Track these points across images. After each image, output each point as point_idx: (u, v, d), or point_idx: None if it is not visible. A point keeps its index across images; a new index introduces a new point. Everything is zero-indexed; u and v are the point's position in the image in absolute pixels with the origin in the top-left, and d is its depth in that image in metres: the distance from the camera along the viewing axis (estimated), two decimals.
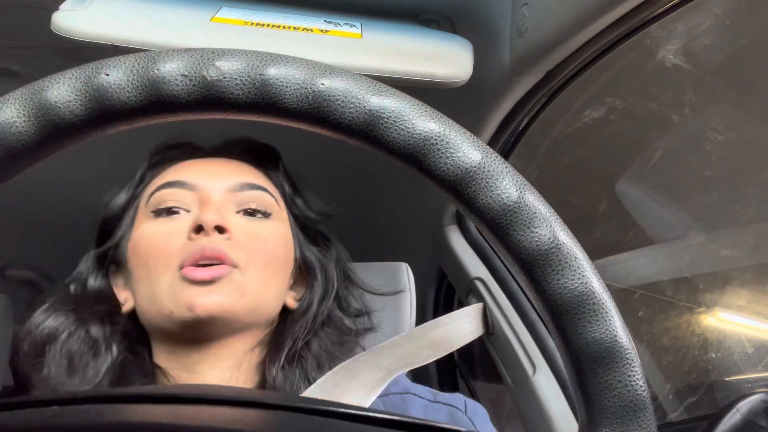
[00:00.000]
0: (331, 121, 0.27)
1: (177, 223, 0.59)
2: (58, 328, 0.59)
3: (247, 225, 0.61)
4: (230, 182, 0.62)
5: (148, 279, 0.58)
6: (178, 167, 0.65)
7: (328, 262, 0.68)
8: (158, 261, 0.57)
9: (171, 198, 0.61)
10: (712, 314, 0.96)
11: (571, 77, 0.78)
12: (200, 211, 0.58)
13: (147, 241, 0.59)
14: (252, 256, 0.59)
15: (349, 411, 0.28)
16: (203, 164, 0.65)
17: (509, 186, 0.27)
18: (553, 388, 0.86)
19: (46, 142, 0.26)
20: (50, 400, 0.29)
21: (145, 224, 0.61)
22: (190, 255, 0.56)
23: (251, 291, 0.58)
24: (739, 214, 0.96)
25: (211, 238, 0.57)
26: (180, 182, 0.61)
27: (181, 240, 0.58)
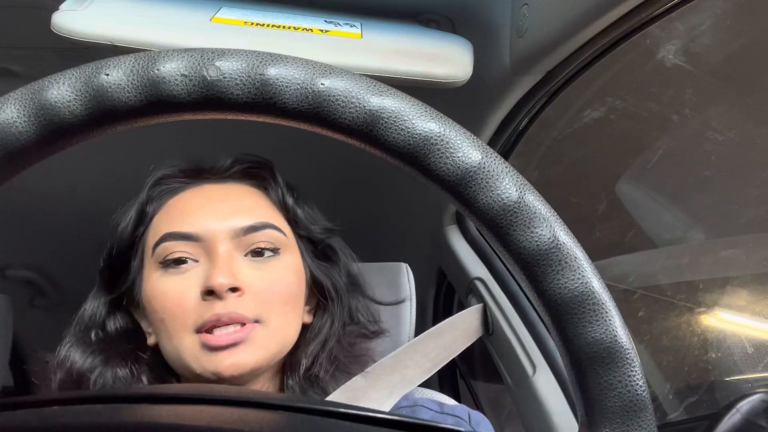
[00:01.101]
0: (331, 121, 0.27)
1: (187, 278, 0.58)
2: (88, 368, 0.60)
3: (258, 272, 0.60)
4: (235, 226, 0.60)
5: (168, 336, 0.58)
6: (178, 204, 0.63)
7: (338, 278, 0.67)
8: (175, 321, 0.57)
9: (177, 250, 0.59)
10: (712, 314, 0.96)
11: (571, 77, 0.78)
12: (210, 269, 0.57)
13: (160, 299, 0.58)
14: (270, 306, 0.59)
15: (349, 411, 0.28)
16: (203, 199, 0.63)
17: (509, 186, 0.27)
18: (553, 388, 0.86)
19: (46, 142, 0.26)
20: (50, 400, 0.29)
21: (155, 276, 0.60)
22: (207, 321, 0.55)
23: (275, 339, 0.59)
24: (739, 214, 0.96)
25: (226, 302, 0.56)
26: (183, 234, 0.59)
27: (194, 299, 0.57)
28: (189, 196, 0.64)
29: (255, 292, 0.58)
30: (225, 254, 0.58)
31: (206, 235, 0.59)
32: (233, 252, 0.59)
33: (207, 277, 0.57)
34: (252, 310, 0.57)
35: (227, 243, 0.59)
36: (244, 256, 0.60)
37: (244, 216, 0.61)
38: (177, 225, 0.60)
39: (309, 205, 0.69)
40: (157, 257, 0.60)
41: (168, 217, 0.62)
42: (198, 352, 0.56)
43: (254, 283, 0.58)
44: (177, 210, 0.63)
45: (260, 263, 0.60)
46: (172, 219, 0.61)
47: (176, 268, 0.59)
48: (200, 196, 0.64)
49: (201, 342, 0.56)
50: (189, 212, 0.61)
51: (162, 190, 0.65)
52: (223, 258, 0.58)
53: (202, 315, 0.56)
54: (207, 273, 0.57)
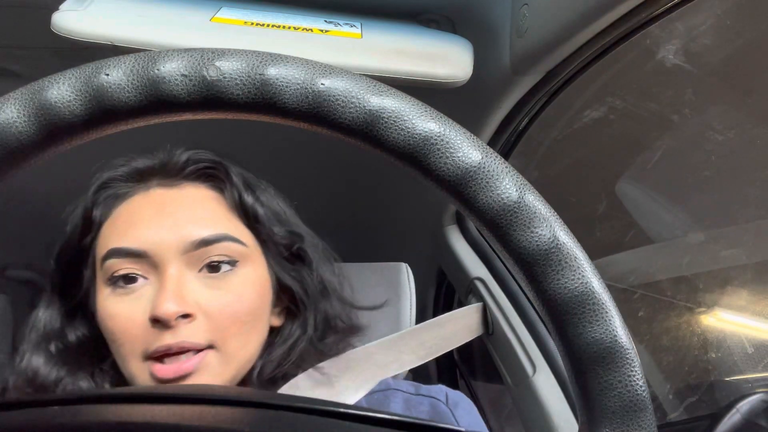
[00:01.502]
0: (331, 121, 0.27)
1: (135, 300, 0.54)
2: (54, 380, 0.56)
3: (213, 291, 0.54)
4: (186, 239, 0.54)
5: (120, 359, 0.54)
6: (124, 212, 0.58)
7: (307, 281, 0.62)
8: (124, 345, 0.53)
9: (123, 267, 0.54)
10: (712, 314, 0.96)
11: (571, 77, 0.78)
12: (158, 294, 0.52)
13: (108, 323, 0.54)
14: (226, 328, 0.54)
15: (349, 411, 0.28)
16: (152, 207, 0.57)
17: (509, 186, 0.27)
18: (553, 388, 0.86)
19: (46, 142, 0.26)
20: (50, 400, 0.29)
21: (104, 294, 0.55)
22: (155, 351, 0.51)
23: (231, 364, 0.55)
24: (739, 214, 0.96)
25: (176, 331, 0.52)
26: (129, 251, 0.54)
27: (142, 324, 0.52)
28: (137, 204, 0.58)
29: (209, 315, 0.53)
30: (174, 274, 0.53)
31: (154, 251, 0.54)
32: (184, 270, 0.54)
33: (154, 303, 0.52)
34: (205, 335, 0.53)
35: (178, 260, 0.54)
36: (198, 272, 0.55)
37: (198, 227, 0.55)
38: (122, 240, 0.55)
39: (274, 204, 0.63)
40: (104, 274, 0.55)
41: (114, 228, 0.57)
42: (147, 380, 0.52)
43: (208, 304, 0.54)
44: (124, 221, 0.57)
45: (216, 280, 0.55)
46: (118, 231, 0.56)
47: (124, 288, 0.54)
48: (150, 204, 0.58)
49: (150, 371, 0.52)
50: (136, 224, 0.56)
51: (109, 195, 0.60)
52: (173, 279, 0.53)
53: (151, 343, 0.52)
54: (155, 296, 0.53)
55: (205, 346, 0.53)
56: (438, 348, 0.76)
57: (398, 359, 0.69)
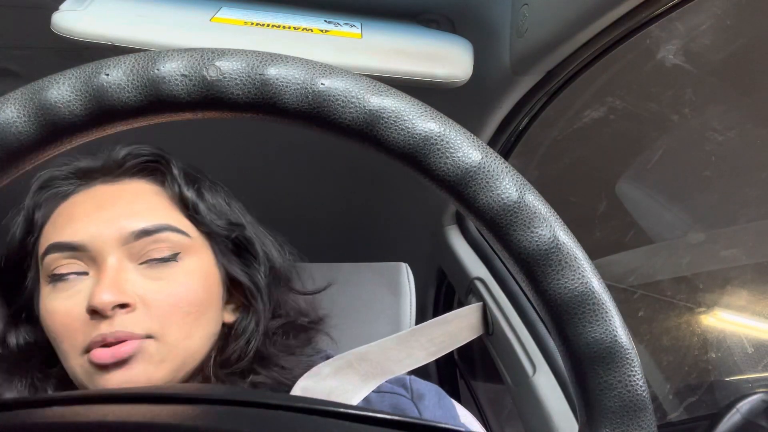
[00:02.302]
0: (331, 121, 0.27)
1: (74, 295, 0.53)
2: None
3: (154, 282, 0.54)
4: (125, 231, 0.54)
5: (62, 357, 0.54)
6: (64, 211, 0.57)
7: (257, 274, 0.61)
8: (64, 341, 0.53)
9: (63, 263, 0.54)
10: (712, 314, 0.96)
11: (571, 77, 0.78)
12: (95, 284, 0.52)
13: (49, 319, 0.54)
14: (168, 319, 0.53)
15: (349, 411, 0.28)
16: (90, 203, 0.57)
17: (509, 186, 0.27)
18: (553, 388, 0.86)
19: (46, 142, 0.26)
20: (50, 400, 0.29)
21: (45, 292, 0.55)
22: (92, 342, 0.51)
23: (172, 354, 0.54)
24: (739, 214, 0.96)
25: (112, 320, 0.51)
26: (67, 245, 0.54)
27: (80, 318, 0.52)
28: (78, 201, 0.58)
29: (149, 306, 0.53)
30: (113, 265, 0.53)
31: (92, 244, 0.53)
32: (124, 261, 0.54)
33: (91, 293, 0.52)
34: (142, 325, 0.52)
35: (116, 252, 0.54)
36: (138, 264, 0.54)
37: (137, 219, 0.55)
38: (61, 234, 0.55)
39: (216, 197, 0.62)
40: (45, 271, 0.55)
41: (54, 225, 0.56)
42: (88, 373, 0.52)
43: (148, 295, 0.53)
44: (63, 217, 0.57)
45: (156, 271, 0.55)
46: (57, 228, 0.56)
47: (63, 283, 0.54)
48: (90, 200, 0.57)
49: (89, 361, 0.51)
50: (75, 219, 0.55)
51: (50, 194, 0.59)
52: (111, 270, 0.53)
53: (88, 335, 0.51)
54: (93, 289, 0.52)
55: (143, 336, 0.52)
56: (447, 345, 0.76)
57: (411, 355, 0.69)
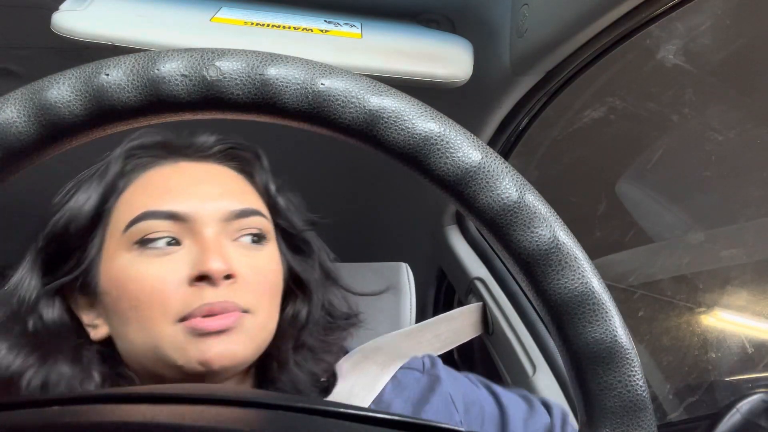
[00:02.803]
0: (331, 121, 0.27)
1: (170, 261, 0.52)
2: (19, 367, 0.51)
3: (248, 259, 0.55)
4: (223, 209, 0.55)
5: (141, 325, 0.51)
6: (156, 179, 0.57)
7: (312, 271, 0.63)
8: (153, 309, 0.51)
9: (159, 230, 0.53)
10: (712, 314, 0.96)
11: (571, 77, 0.78)
12: (200, 252, 0.52)
13: (135, 283, 0.51)
14: (259, 296, 0.54)
15: (349, 411, 0.28)
16: (187, 177, 0.57)
17: (509, 186, 0.27)
18: (553, 388, 0.86)
19: (46, 142, 0.26)
20: (50, 400, 0.29)
21: (126, 258, 0.53)
22: (197, 309, 0.50)
23: (260, 331, 0.54)
24: (739, 214, 0.96)
25: (218, 290, 0.51)
26: (169, 213, 0.53)
27: (178, 285, 0.51)
28: (168, 173, 0.57)
29: (246, 281, 0.53)
30: (214, 238, 0.53)
31: (194, 215, 0.53)
32: (221, 236, 0.54)
33: (198, 261, 0.51)
34: (243, 298, 0.52)
35: (216, 226, 0.54)
36: (232, 241, 0.55)
37: (233, 200, 0.56)
38: (160, 203, 0.54)
39: (290, 195, 0.64)
40: (131, 237, 0.53)
41: (146, 193, 0.55)
42: (182, 341, 0.50)
43: (243, 271, 0.53)
44: (158, 186, 0.56)
45: (249, 250, 0.55)
46: (151, 196, 0.55)
47: (155, 250, 0.52)
48: (182, 174, 0.57)
49: (187, 328, 0.50)
50: (173, 191, 0.55)
51: (137, 163, 0.58)
52: (213, 242, 0.53)
53: (189, 303, 0.50)
54: (197, 257, 0.52)
55: (242, 309, 0.52)
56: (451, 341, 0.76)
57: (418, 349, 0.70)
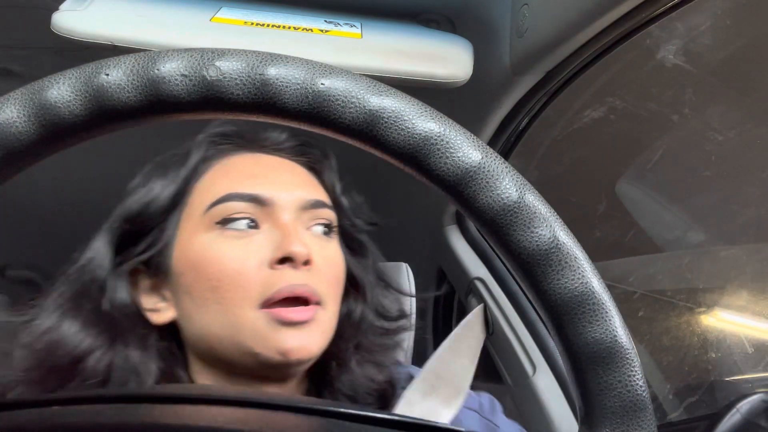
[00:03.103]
0: (331, 121, 0.27)
1: (251, 244, 0.53)
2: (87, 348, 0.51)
3: (320, 249, 0.56)
4: (300, 197, 0.56)
5: (221, 308, 0.51)
6: (238, 164, 0.58)
7: (366, 272, 0.64)
8: (234, 291, 0.51)
9: (242, 211, 0.54)
10: (712, 314, 0.96)
11: (571, 77, 0.78)
12: (281, 236, 0.53)
13: (217, 264, 0.52)
14: (329, 287, 0.55)
15: (349, 411, 0.28)
16: (266, 166, 0.59)
17: (509, 186, 0.27)
18: (553, 388, 0.86)
19: (46, 142, 0.26)
20: (50, 400, 0.29)
21: (207, 238, 0.53)
22: (278, 291, 0.50)
23: (330, 326, 0.55)
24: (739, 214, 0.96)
25: (298, 273, 0.52)
26: (252, 196, 0.54)
27: (260, 268, 0.51)
28: (249, 160, 0.59)
29: (320, 270, 0.54)
30: (292, 224, 0.54)
31: (275, 200, 0.55)
32: (298, 224, 0.55)
33: (281, 243, 0.52)
34: (319, 288, 0.53)
35: (294, 213, 0.55)
36: (305, 229, 0.56)
37: (307, 190, 0.58)
38: (242, 186, 0.55)
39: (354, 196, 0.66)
40: (212, 217, 0.53)
41: (228, 177, 0.56)
42: (263, 328, 0.50)
43: (318, 260, 0.54)
44: (240, 171, 0.57)
45: (320, 240, 0.57)
46: (234, 180, 0.56)
47: (237, 231, 0.53)
48: (261, 162, 0.59)
49: (270, 315, 0.50)
50: (255, 176, 0.57)
51: (219, 149, 0.60)
52: (293, 227, 0.54)
53: (270, 285, 0.50)
54: (278, 240, 0.52)
55: (318, 301, 0.53)
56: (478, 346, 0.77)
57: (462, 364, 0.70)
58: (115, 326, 0.52)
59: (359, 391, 0.58)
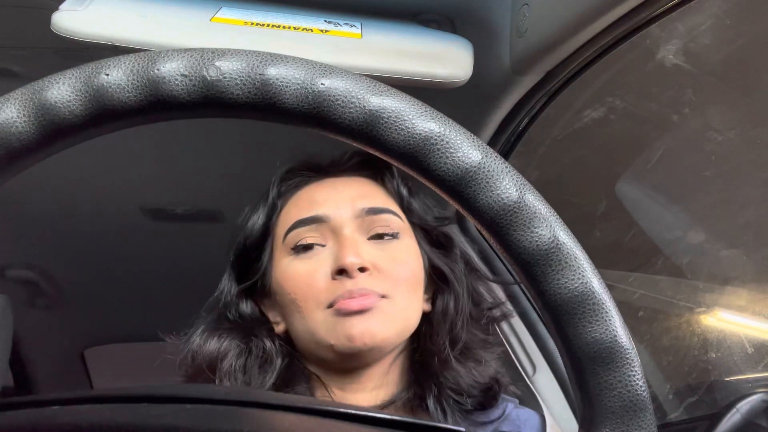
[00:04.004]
0: (331, 122, 0.27)
1: (317, 261, 0.62)
2: (228, 347, 0.64)
3: (382, 252, 0.63)
4: (357, 207, 0.64)
5: (300, 315, 0.62)
6: (305, 194, 0.68)
7: (454, 263, 0.69)
8: (307, 300, 0.61)
9: (307, 235, 0.64)
10: (712, 314, 0.96)
11: (571, 77, 0.78)
12: (339, 250, 0.61)
13: (292, 281, 0.63)
14: (395, 283, 0.62)
15: (349, 411, 0.28)
16: (328, 188, 0.68)
17: (509, 186, 0.27)
18: (553, 388, 0.86)
19: (46, 142, 0.26)
20: (50, 400, 0.29)
21: (286, 261, 0.64)
22: (339, 297, 0.59)
23: (399, 316, 0.61)
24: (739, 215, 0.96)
25: (356, 280, 0.60)
26: (313, 218, 0.64)
27: (324, 279, 0.61)
28: (314, 188, 0.69)
29: (381, 271, 0.62)
30: (350, 236, 0.62)
31: (333, 216, 0.64)
32: (356, 234, 0.63)
33: (337, 257, 0.61)
34: (378, 286, 0.60)
35: (351, 224, 0.64)
36: (368, 239, 0.64)
37: (365, 200, 0.65)
38: (306, 212, 0.65)
39: (422, 196, 0.72)
40: (288, 244, 0.65)
41: (297, 207, 0.67)
42: (330, 322, 0.59)
43: (379, 263, 0.62)
44: (305, 200, 0.67)
45: (383, 245, 0.64)
46: (300, 208, 0.66)
47: (306, 252, 0.63)
48: (325, 187, 0.69)
49: (335, 311, 0.59)
50: (316, 201, 0.66)
51: (289, 184, 0.70)
52: (349, 240, 0.62)
53: (333, 292, 0.60)
54: (336, 254, 0.61)
55: (379, 295, 0.60)
56: None
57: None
58: (245, 333, 0.65)
59: (463, 387, 0.63)
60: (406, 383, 0.65)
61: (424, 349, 0.65)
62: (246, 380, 0.62)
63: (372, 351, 0.60)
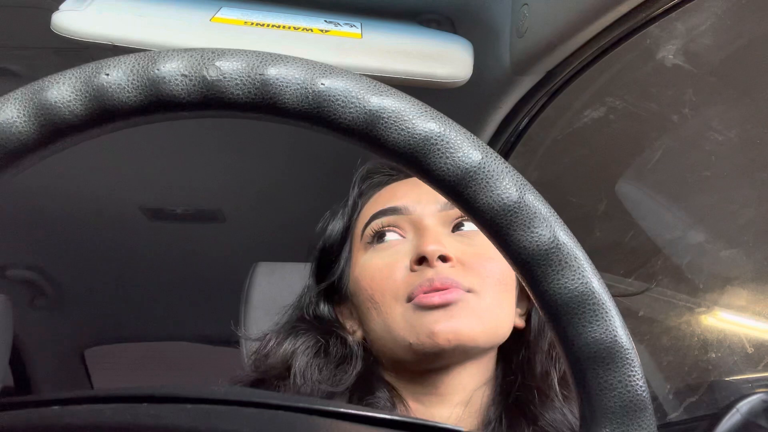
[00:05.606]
0: (331, 121, 0.27)
1: (395, 253, 0.58)
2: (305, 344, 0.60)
3: (466, 246, 0.58)
4: (441, 201, 0.60)
5: (377, 312, 0.57)
6: (386, 192, 0.65)
7: None
8: (385, 294, 0.56)
9: (385, 225, 0.60)
10: (712, 314, 0.96)
11: (571, 77, 0.78)
12: (419, 240, 0.57)
13: (369, 275, 0.58)
14: (483, 278, 0.56)
15: (349, 411, 0.28)
16: (410, 185, 0.64)
17: (509, 186, 0.27)
18: None
19: (46, 142, 0.26)
20: (50, 400, 0.29)
21: (364, 257, 0.61)
22: (419, 287, 0.54)
23: (488, 314, 0.55)
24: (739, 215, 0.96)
25: (437, 269, 0.55)
26: (392, 209, 0.61)
27: (403, 271, 0.57)
28: (396, 186, 0.66)
29: (466, 264, 0.56)
30: (432, 227, 0.58)
31: (414, 208, 0.60)
32: (439, 226, 0.59)
33: (417, 246, 0.56)
34: (464, 279, 0.55)
35: (433, 217, 0.60)
36: (450, 231, 0.60)
37: None
38: (387, 204, 0.62)
39: None
40: (366, 238, 0.61)
41: (377, 203, 0.64)
42: (411, 318, 0.54)
43: (464, 257, 0.57)
44: (385, 196, 0.64)
45: (468, 239, 0.59)
46: (381, 203, 0.63)
47: (384, 244, 0.60)
48: (402, 186, 0.65)
49: (414, 305, 0.54)
50: (397, 195, 0.63)
51: (370, 183, 0.68)
52: (431, 230, 0.58)
53: (412, 283, 0.55)
54: (416, 244, 0.57)
55: (465, 288, 0.55)
56: None
57: None
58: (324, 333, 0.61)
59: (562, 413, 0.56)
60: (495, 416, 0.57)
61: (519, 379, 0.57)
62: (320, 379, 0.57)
63: (455, 351, 0.53)
